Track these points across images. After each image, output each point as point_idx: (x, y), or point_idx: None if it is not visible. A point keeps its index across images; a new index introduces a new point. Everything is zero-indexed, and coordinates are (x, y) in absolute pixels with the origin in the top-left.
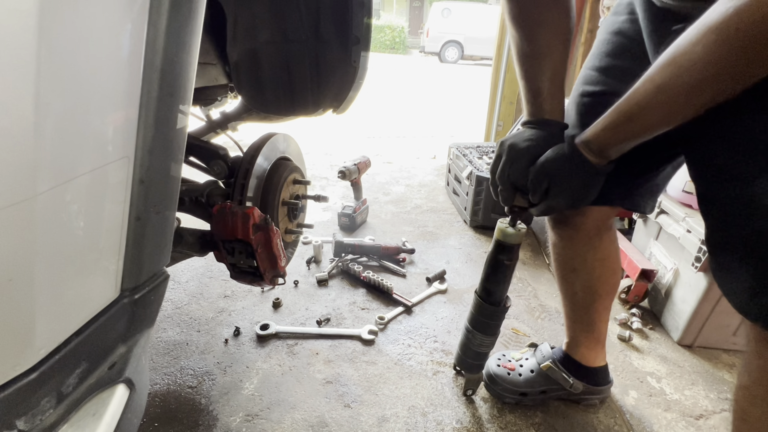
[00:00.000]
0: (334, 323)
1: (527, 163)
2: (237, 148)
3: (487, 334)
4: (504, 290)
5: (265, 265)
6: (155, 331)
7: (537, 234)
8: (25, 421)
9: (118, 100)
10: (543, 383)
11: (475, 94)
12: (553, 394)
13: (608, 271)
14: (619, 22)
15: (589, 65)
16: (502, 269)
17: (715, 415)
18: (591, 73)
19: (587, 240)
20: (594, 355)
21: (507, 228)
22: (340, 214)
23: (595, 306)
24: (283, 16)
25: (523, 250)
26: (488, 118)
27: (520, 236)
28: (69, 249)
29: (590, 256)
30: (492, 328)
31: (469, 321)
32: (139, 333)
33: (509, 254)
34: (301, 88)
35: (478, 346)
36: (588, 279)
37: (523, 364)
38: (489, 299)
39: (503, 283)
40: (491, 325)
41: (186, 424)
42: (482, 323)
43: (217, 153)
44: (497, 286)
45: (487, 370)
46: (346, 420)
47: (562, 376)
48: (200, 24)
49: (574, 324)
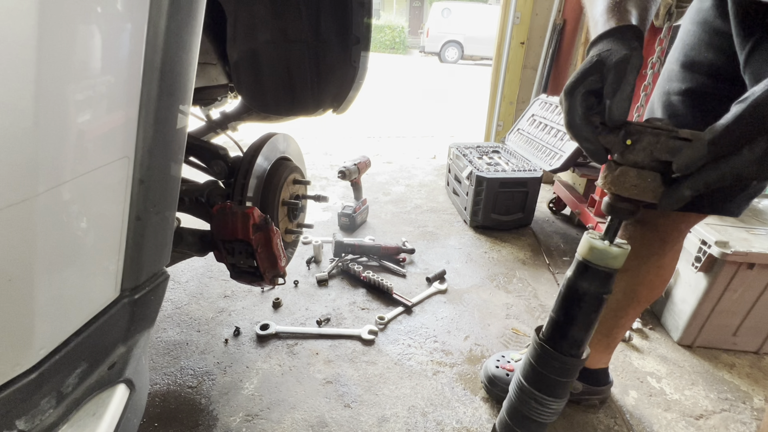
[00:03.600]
0: (334, 323)
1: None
2: (237, 148)
3: (556, 396)
4: (590, 336)
5: (265, 265)
6: (155, 331)
7: (537, 234)
8: (25, 421)
9: (118, 100)
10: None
11: (475, 94)
12: None
13: (659, 279)
14: (703, 10)
15: (673, 59)
16: (593, 305)
17: (715, 415)
18: (675, 68)
19: (659, 244)
20: (599, 358)
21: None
22: (340, 214)
23: (628, 311)
24: (283, 16)
25: (523, 250)
26: (488, 118)
27: (623, 256)
28: (69, 249)
29: (652, 261)
30: (565, 389)
31: (527, 377)
32: (139, 333)
33: (604, 284)
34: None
35: (540, 413)
36: (636, 283)
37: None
38: (567, 348)
39: (591, 327)
40: (564, 385)
41: (186, 424)
42: (551, 382)
43: (217, 153)
44: (582, 330)
45: (486, 370)
46: (346, 420)
47: None
48: (200, 24)
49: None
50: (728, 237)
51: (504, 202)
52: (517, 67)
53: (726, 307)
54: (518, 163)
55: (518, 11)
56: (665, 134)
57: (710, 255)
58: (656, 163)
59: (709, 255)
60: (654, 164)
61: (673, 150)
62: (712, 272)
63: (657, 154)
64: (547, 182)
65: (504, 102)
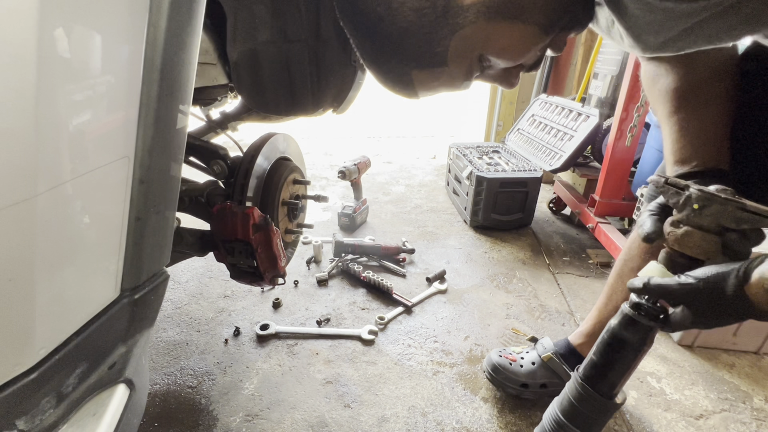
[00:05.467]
0: (334, 323)
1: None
2: (237, 148)
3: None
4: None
5: (265, 265)
6: (155, 331)
7: (537, 234)
8: (25, 421)
9: (118, 100)
10: (544, 376)
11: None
12: (553, 388)
13: None
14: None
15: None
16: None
17: (715, 415)
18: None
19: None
20: None
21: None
22: (340, 214)
23: None
24: (283, 16)
25: (523, 250)
26: (488, 118)
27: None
28: (69, 249)
29: None
30: (600, 427)
31: (568, 415)
32: (139, 333)
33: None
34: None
35: None
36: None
37: (524, 357)
38: (607, 391)
39: (630, 372)
40: (600, 424)
41: (186, 424)
42: (591, 421)
43: (217, 153)
44: (622, 374)
45: (489, 360)
46: (346, 420)
47: (563, 369)
48: (200, 24)
49: (599, 319)
50: None
51: (504, 202)
52: None
53: None
54: (518, 163)
55: None
56: (733, 205)
57: None
58: (720, 228)
59: None
60: (718, 229)
61: (740, 220)
62: None
63: (724, 221)
64: (547, 182)
65: (504, 102)
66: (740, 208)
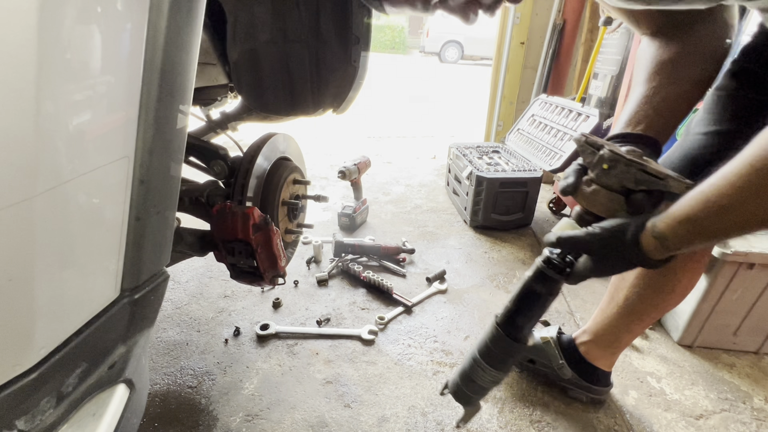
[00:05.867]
0: (334, 323)
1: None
2: (237, 148)
3: (500, 370)
4: (534, 325)
5: (265, 265)
6: (155, 331)
7: (537, 234)
8: (25, 421)
9: (118, 100)
10: (536, 354)
11: (475, 94)
12: (540, 368)
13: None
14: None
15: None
16: (541, 303)
17: (715, 415)
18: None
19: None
20: (599, 355)
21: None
22: (340, 214)
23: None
24: (283, 16)
25: (523, 250)
26: (488, 118)
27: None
28: (69, 249)
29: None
30: (508, 366)
31: (481, 352)
32: (139, 333)
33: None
34: (301, 88)
35: (484, 381)
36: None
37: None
38: (515, 334)
39: (536, 319)
40: (508, 362)
41: (186, 424)
42: (499, 359)
43: (217, 153)
44: (529, 320)
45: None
46: (346, 420)
47: (555, 354)
48: (200, 24)
49: (602, 319)
50: None
51: (504, 202)
52: (517, 67)
53: (726, 307)
54: (518, 163)
55: (518, 11)
56: (635, 166)
57: (710, 255)
58: (623, 189)
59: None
60: (621, 189)
61: (638, 181)
62: (712, 272)
63: (626, 182)
64: (547, 182)
65: (504, 102)
66: (641, 170)
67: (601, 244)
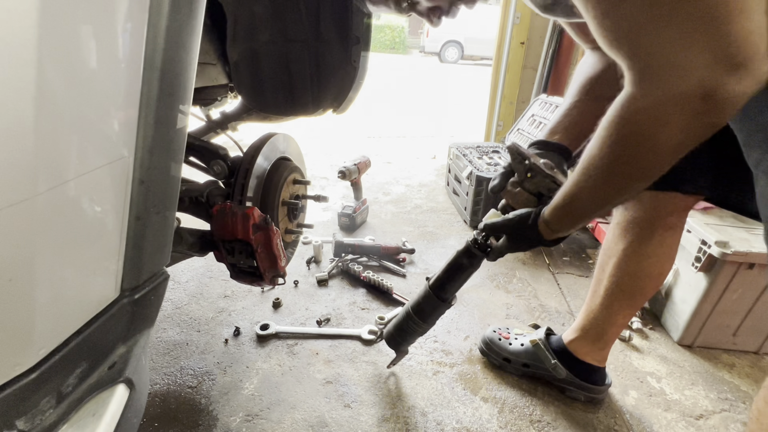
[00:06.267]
0: (334, 323)
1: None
2: (237, 148)
3: (427, 323)
4: (457, 290)
5: (265, 265)
6: (155, 331)
7: None
8: (25, 421)
9: (118, 100)
10: (528, 357)
11: (475, 94)
12: (536, 370)
13: (648, 270)
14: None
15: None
16: (466, 273)
17: (715, 415)
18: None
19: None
20: (587, 350)
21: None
22: (340, 214)
23: (621, 303)
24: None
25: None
26: (488, 118)
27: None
28: (69, 249)
29: (636, 248)
30: (433, 320)
31: (414, 308)
32: (139, 333)
33: (476, 262)
34: (301, 88)
35: (413, 332)
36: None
37: (518, 338)
38: (443, 296)
39: (460, 285)
40: (434, 317)
41: (186, 424)
42: (427, 314)
43: (217, 153)
44: (454, 285)
45: (483, 337)
46: (346, 420)
47: (546, 355)
48: (200, 24)
49: (587, 313)
50: (728, 237)
51: None
52: (517, 67)
53: (726, 307)
54: None
55: (518, 11)
56: (549, 179)
57: (710, 255)
58: (538, 193)
59: (709, 255)
60: (536, 193)
61: (550, 190)
62: (712, 272)
63: (541, 189)
64: None
65: (504, 102)
66: (553, 182)
67: (513, 228)
